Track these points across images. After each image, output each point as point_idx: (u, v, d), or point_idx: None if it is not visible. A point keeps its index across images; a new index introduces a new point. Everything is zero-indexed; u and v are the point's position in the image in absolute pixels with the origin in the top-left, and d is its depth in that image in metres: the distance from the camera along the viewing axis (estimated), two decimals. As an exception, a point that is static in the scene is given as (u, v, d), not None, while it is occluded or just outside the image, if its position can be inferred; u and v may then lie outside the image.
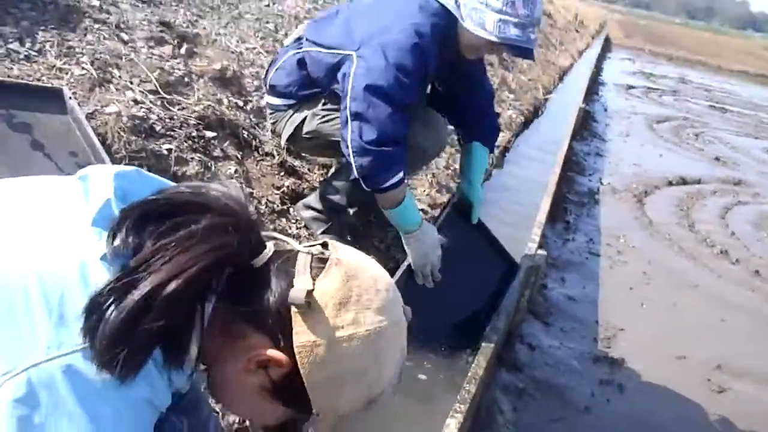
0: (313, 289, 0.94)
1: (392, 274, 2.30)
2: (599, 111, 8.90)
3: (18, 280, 0.84)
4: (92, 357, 0.82)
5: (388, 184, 2.14)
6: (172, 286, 0.85)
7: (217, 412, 1.54)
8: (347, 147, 2.13)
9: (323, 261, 0.98)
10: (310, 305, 0.95)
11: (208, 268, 0.89)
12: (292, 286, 0.96)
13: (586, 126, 7.46)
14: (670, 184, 5.91)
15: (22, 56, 2.28)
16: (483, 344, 2.21)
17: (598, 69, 12.51)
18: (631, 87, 12.22)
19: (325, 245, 1.01)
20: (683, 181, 6.05)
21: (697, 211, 5.28)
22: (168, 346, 0.89)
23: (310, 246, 1.01)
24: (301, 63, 2.38)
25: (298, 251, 1.00)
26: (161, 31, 2.93)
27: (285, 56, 2.45)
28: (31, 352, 0.81)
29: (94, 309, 0.83)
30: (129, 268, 0.86)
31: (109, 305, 0.83)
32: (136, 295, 0.83)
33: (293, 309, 0.95)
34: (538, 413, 2.44)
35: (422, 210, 3.18)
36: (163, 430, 1.00)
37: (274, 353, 0.96)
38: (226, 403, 1.10)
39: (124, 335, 0.82)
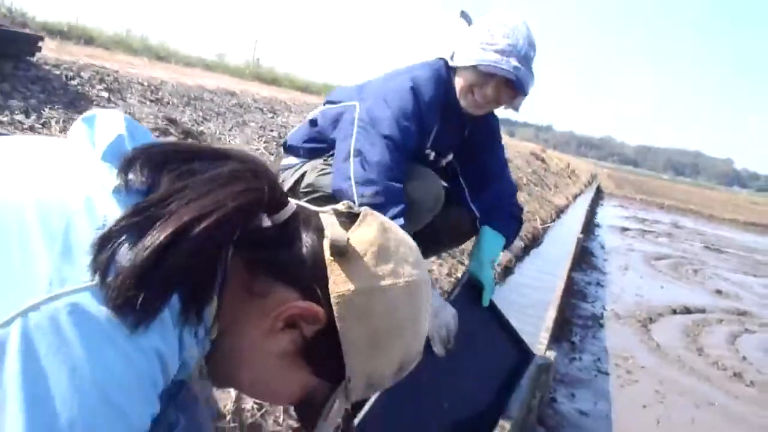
0: (349, 238, 0.88)
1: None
2: (596, 248, 8.96)
3: (13, 209, 0.75)
4: (103, 298, 0.72)
5: (390, 215, 2.07)
6: (204, 224, 0.77)
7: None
8: (348, 179, 2.09)
9: (351, 217, 0.92)
10: (347, 254, 0.88)
11: (243, 208, 0.82)
12: (324, 236, 0.89)
13: (585, 259, 7.49)
14: (674, 312, 5.82)
15: (26, 126, 2.31)
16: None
17: (592, 210, 12.78)
18: (626, 229, 12.41)
19: (348, 206, 0.95)
20: (687, 311, 5.96)
21: (705, 337, 5.16)
22: (187, 295, 0.79)
23: (331, 207, 0.95)
24: (313, 122, 2.43)
25: (319, 212, 0.94)
26: (166, 125, 2.99)
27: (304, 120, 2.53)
28: (28, 290, 0.71)
29: (106, 243, 0.74)
30: (147, 203, 0.78)
31: (126, 241, 0.74)
32: (161, 231, 0.75)
33: (328, 258, 0.88)
34: None
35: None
36: (159, 422, 0.88)
37: (308, 305, 0.87)
38: (239, 380, 0.97)
39: (144, 276, 0.73)
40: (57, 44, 5.22)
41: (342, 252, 0.88)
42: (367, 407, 1.91)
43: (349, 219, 0.93)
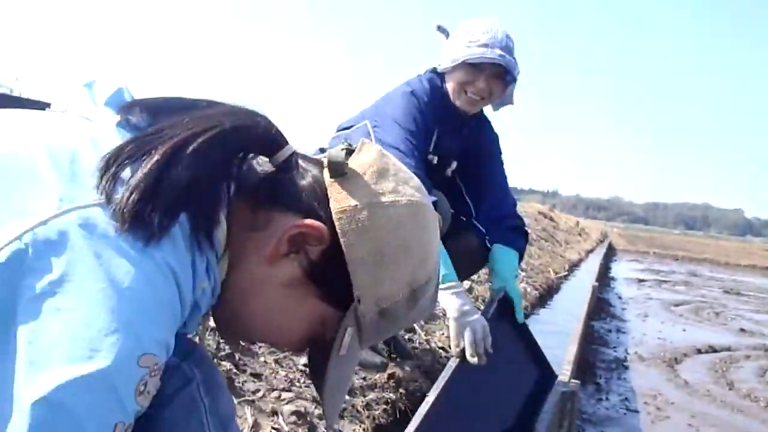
0: (347, 163, 0.89)
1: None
2: (614, 298, 8.84)
3: (24, 147, 0.79)
4: (113, 213, 0.74)
5: None
6: (201, 138, 0.81)
7: None
8: None
9: (349, 154, 0.93)
10: (346, 174, 0.89)
11: (239, 128, 0.85)
12: (324, 167, 0.90)
13: (603, 308, 7.38)
14: (700, 352, 5.68)
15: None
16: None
17: (606, 264, 12.68)
18: (642, 280, 12.27)
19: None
20: (713, 349, 5.82)
21: (734, 372, 5.02)
22: (195, 215, 0.81)
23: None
24: (323, 150, 2.49)
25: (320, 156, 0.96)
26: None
27: None
28: (40, 208, 0.73)
29: (111, 164, 0.77)
30: (148, 132, 0.82)
31: (129, 161, 0.78)
32: (162, 147, 0.79)
33: (328, 181, 0.90)
34: None
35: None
36: (175, 377, 0.86)
37: (310, 222, 0.87)
38: (248, 320, 0.95)
39: (148, 190, 0.76)
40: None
41: (341, 172, 0.90)
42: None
43: (349, 154, 0.95)
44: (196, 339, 1.05)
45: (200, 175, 0.81)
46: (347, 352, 0.93)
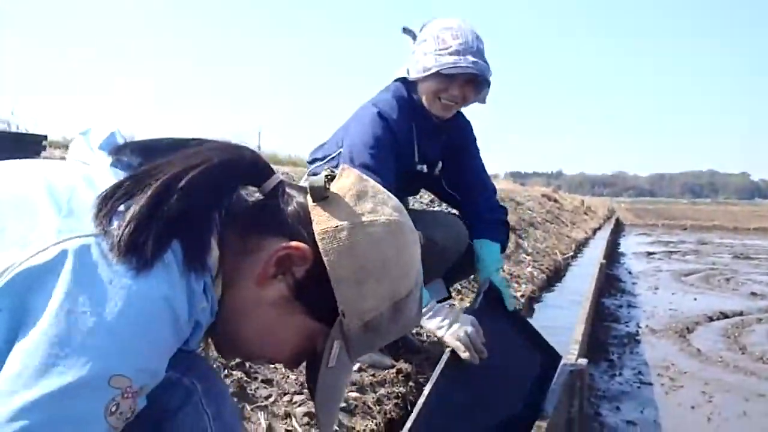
0: (328, 187, 0.95)
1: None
2: (624, 274, 8.84)
3: (27, 187, 0.86)
4: (110, 244, 0.80)
5: None
6: (192, 173, 0.88)
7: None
8: None
9: (331, 179, 0.99)
10: (327, 197, 0.96)
11: (226, 162, 0.92)
12: (307, 193, 0.96)
13: (613, 285, 7.40)
14: (711, 319, 5.69)
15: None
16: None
17: (614, 240, 12.67)
18: (651, 253, 12.25)
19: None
20: (724, 316, 5.83)
21: (746, 337, 5.03)
22: (187, 242, 0.87)
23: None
24: None
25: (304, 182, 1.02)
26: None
27: None
28: (40, 239, 0.79)
29: (107, 200, 0.84)
30: (141, 170, 0.89)
31: (124, 197, 0.84)
32: (157, 182, 0.85)
33: (311, 205, 0.96)
34: None
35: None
36: (177, 392, 0.91)
37: (294, 243, 0.93)
38: (243, 339, 1.01)
39: (143, 220, 0.82)
40: (60, 152, 5.47)
41: (322, 196, 0.96)
42: (409, 423, 1.91)
43: (330, 180, 1.01)
44: (201, 352, 1.10)
45: (191, 206, 0.87)
46: (337, 364, 0.99)
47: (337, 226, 0.94)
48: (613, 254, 10.88)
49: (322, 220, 0.95)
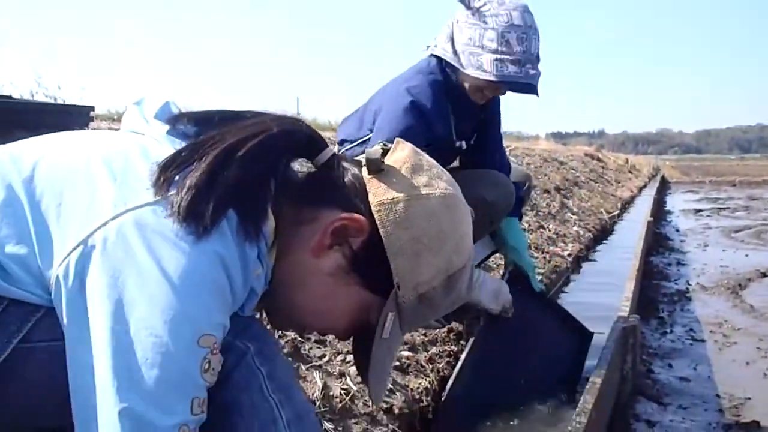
0: (384, 160, 0.95)
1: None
2: (671, 232, 8.68)
3: (82, 158, 0.89)
4: (169, 211, 0.82)
5: None
6: (251, 142, 0.89)
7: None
8: None
9: (385, 153, 0.99)
10: (383, 170, 0.97)
11: (286, 130, 0.93)
12: (363, 165, 0.97)
13: (661, 243, 7.27)
14: (764, 275, 5.55)
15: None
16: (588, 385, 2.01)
17: (660, 198, 12.43)
18: (699, 210, 11.98)
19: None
20: (778, 271, 5.69)
21: (802, 292, 4.91)
22: (243, 210, 0.88)
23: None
24: None
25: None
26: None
27: None
28: (98, 213, 0.82)
29: (166, 169, 0.85)
30: (199, 139, 0.91)
31: (182, 165, 0.86)
32: (215, 151, 0.87)
33: (366, 177, 0.97)
34: (673, 482, 2.15)
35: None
36: (230, 354, 0.93)
37: (351, 215, 0.95)
38: (296, 308, 1.03)
39: (204, 187, 0.84)
40: (106, 123, 5.57)
41: (378, 168, 0.97)
42: (448, 386, 1.98)
43: (384, 153, 1.02)
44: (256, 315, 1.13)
45: (249, 174, 0.89)
46: (389, 336, 1.01)
47: (393, 198, 0.95)
48: (659, 212, 10.68)
49: (378, 192, 0.96)
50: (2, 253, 0.82)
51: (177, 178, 0.85)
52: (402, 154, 1.01)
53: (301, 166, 1.02)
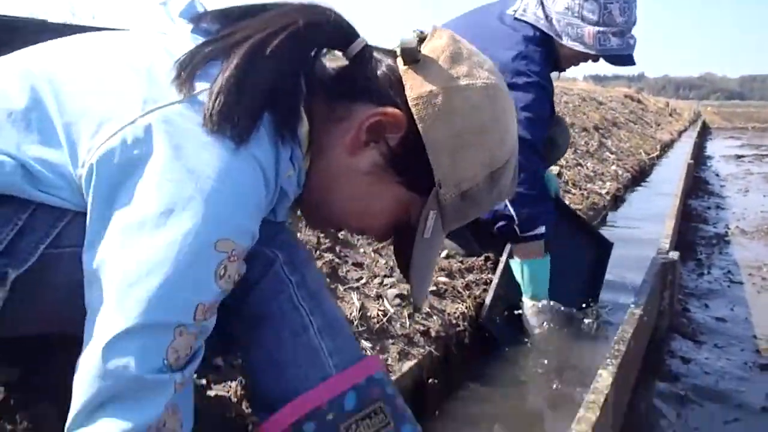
0: (420, 49, 0.90)
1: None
2: (711, 177, 8.49)
3: (107, 59, 0.86)
4: (199, 112, 0.80)
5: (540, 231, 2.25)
6: (277, 38, 0.84)
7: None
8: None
9: (422, 41, 0.94)
10: (419, 60, 0.90)
11: (310, 25, 0.87)
12: (397, 56, 0.92)
13: (700, 187, 7.12)
14: (807, 221, 5.43)
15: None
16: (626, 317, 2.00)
17: (701, 143, 12.14)
18: (740, 156, 11.67)
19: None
20: (821, 216, 5.55)
21: None
22: (277, 111, 0.85)
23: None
24: None
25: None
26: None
27: None
28: (126, 111, 0.80)
29: (188, 62, 0.82)
30: (222, 34, 0.86)
31: (205, 59, 0.83)
32: (241, 49, 0.82)
33: (402, 69, 0.91)
34: (707, 417, 2.14)
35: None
36: (258, 262, 0.92)
37: (387, 109, 0.89)
38: (333, 208, 1.00)
39: (235, 92, 0.80)
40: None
41: (414, 58, 0.90)
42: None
43: (421, 42, 0.95)
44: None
45: (279, 74, 0.84)
46: (431, 236, 0.96)
47: (431, 91, 0.89)
48: (699, 156, 10.43)
49: (415, 85, 0.90)
50: (30, 157, 0.80)
51: (199, 73, 0.82)
52: (440, 42, 0.93)
53: (331, 60, 0.96)
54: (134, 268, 0.76)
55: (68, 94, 0.83)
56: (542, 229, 2.21)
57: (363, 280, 2.03)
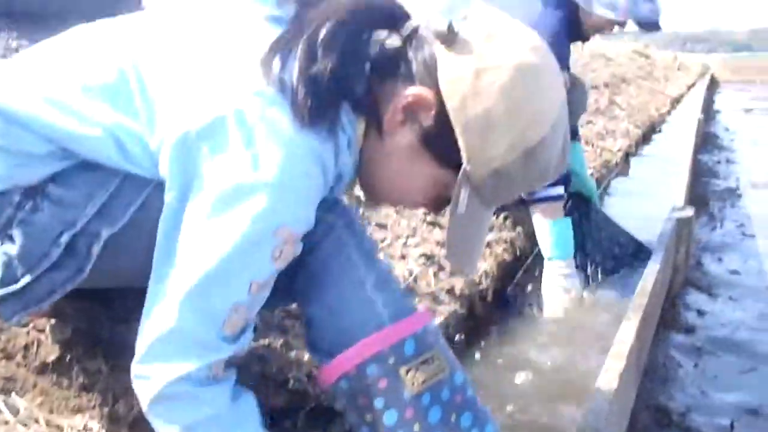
0: (455, 30, 0.93)
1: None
2: (720, 130, 8.44)
3: (188, 44, 0.93)
4: (277, 103, 0.86)
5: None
6: (328, 28, 0.90)
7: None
8: None
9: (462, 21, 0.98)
10: (454, 40, 0.92)
11: (361, 12, 0.93)
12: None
13: (710, 141, 7.10)
14: (818, 174, 5.43)
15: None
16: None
17: (710, 98, 12.05)
18: (749, 109, 11.57)
19: None
20: (835, 168, 5.54)
21: None
22: (348, 99, 0.93)
23: None
24: None
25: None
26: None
27: None
28: (204, 97, 0.87)
29: (265, 59, 0.89)
30: (289, 26, 0.93)
31: (278, 51, 0.90)
32: (302, 44, 0.89)
33: (438, 48, 0.94)
34: (724, 367, 2.20)
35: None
36: (321, 226, 0.99)
37: (417, 90, 0.94)
38: (380, 185, 1.06)
39: (311, 88, 0.87)
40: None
41: (448, 39, 0.92)
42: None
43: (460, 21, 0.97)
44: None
45: (342, 63, 0.90)
46: (468, 211, 0.98)
47: (461, 70, 0.92)
48: (709, 110, 10.37)
49: (447, 65, 0.92)
50: (121, 129, 0.87)
51: (274, 66, 0.88)
52: (477, 22, 0.95)
53: (384, 41, 0.97)
54: (199, 251, 0.84)
55: (152, 77, 0.89)
56: (559, 190, 2.25)
57: (387, 241, 2.08)
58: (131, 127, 0.87)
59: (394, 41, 0.96)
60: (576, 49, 2.82)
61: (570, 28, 2.28)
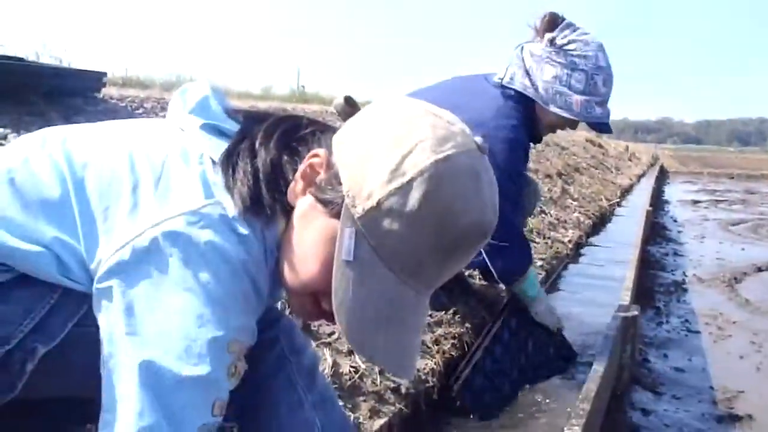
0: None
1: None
2: (669, 222, 8.73)
3: (125, 162, 0.94)
4: (203, 222, 0.88)
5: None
6: (273, 139, 0.99)
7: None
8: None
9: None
10: (348, 105, 1.00)
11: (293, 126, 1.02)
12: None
13: (658, 233, 7.32)
14: (760, 270, 5.61)
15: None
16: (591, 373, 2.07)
17: (659, 188, 12.47)
18: (697, 201, 12.03)
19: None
20: (774, 267, 5.74)
21: (797, 288, 4.97)
22: (278, 202, 0.97)
23: None
24: None
25: None
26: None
27: None
28: (137, 220, 0.88)
29: (229, 159, 0.95)
30: (231, 142, 0.98)
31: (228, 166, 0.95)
32: (243, 160, 0.96)
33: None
34: (667, 469, 2.20)
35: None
36: (261, 345, 0.98)
37: (314, 151, 0.96)
38: (286, 264, 0.96)
39: (254, 191, 0.93)
40: (116, 89, 5.58)
41: (346, 110, 1.01)
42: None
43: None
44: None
45: (272, 167, 0.97)
46: (361, 264, 0.86)
47: (348, 123, 0.96)
48: (658, 202, 10.73)
49: (340, 130, 0.98)
50: (60, 246, 0.88)
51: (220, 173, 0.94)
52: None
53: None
54: (154, 375, 0.83)
55: (91, 195, 0.90)
56: (521, 274, 2.43)
57: (335, 335, 2.06)
58: (71, 244, 0.88)
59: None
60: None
61: (527, 124, 2.38)
